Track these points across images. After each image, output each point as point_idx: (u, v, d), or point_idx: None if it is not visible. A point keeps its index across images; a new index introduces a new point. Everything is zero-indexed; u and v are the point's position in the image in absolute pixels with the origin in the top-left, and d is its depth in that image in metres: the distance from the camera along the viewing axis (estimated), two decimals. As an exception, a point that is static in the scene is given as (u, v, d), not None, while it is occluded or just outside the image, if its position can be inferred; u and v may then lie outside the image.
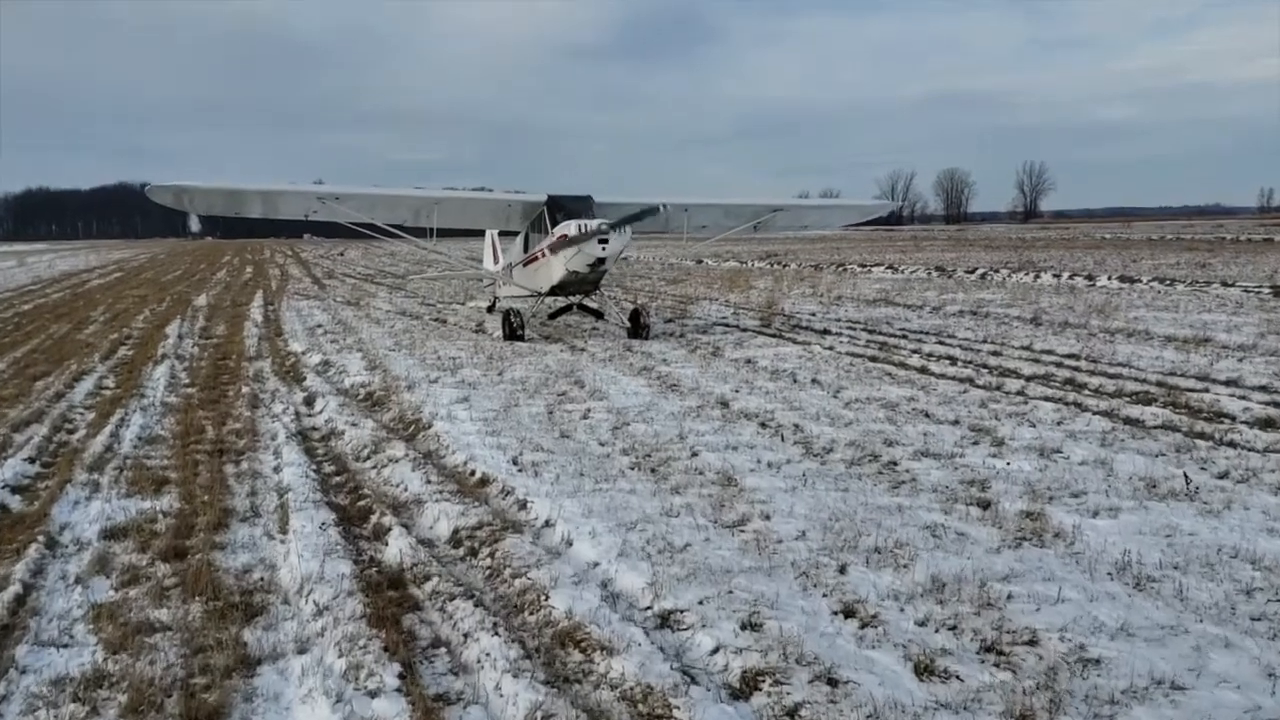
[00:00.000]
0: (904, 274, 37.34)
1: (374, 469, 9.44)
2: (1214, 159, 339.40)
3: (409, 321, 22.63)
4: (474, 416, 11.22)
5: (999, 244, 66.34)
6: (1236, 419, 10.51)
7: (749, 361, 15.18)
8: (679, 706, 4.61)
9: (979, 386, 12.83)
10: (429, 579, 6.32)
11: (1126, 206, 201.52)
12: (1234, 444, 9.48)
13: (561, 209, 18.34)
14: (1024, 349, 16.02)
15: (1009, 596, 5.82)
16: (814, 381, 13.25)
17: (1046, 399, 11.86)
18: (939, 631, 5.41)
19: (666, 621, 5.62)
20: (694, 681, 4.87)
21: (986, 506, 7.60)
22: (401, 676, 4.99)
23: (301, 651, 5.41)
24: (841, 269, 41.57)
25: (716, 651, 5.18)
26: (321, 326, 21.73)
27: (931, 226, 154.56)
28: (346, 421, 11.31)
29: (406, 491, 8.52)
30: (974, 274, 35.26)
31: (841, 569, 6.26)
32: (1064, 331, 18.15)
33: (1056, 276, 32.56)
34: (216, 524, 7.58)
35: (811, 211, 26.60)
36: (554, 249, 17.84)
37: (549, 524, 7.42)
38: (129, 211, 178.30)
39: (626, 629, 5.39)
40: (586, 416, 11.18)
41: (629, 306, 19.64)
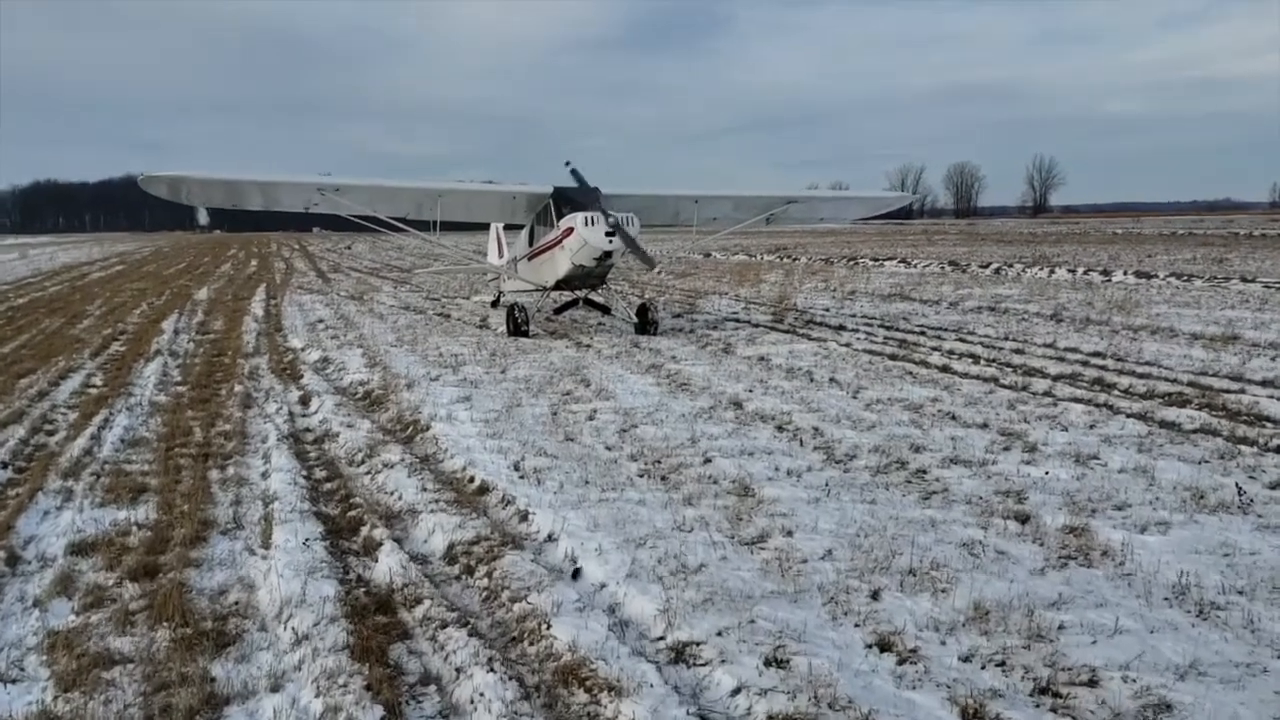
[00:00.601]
0: (917, 268, 36.70)
1: (368, 475, 8.89)
2: (1224, 153, 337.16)
3: (412, 316, 22.08)
4: (475, 417, 10.67)
5: (1011, 239, 65.66)
6: (1281, 423, 9.94)
7: (762, 359, 14.60)
8: (697, 761, 4.06)
9: (1005, 386, 12.24)
10: (420, 602, 5.76)
11: (1135, 201, 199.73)
12: (1282, 450, 8.90)
13: (568, 201, 17.72)
14: (1047, 346, 15.44)
15: (1060, 627, 5.25)
16: (832, 381, 12.67)
17: (1076, 400, 11.29)
18: (986, 669, 4.84)
19: (681, 656, 5.05)
20: (713, 729, 4.32)
21: (1025, 520, 7.02)
22: (385, 720, 4.44)
23: (275, 689, 4.85)
24: (853, 263, 40.95)
25: (738, 693, 4.62)
26: (323, 321, 21.19)
27: (941, 220, 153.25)
28: (342, 422, 10.77)
29: (401, 500, 7.97)
30: (988, 269, 34.67)
31: (874, 594, 5.69)
32: (1086, 328, 17.58)
33: (1072, 272, 32.01)
34: (194, 537, 7.01)
35: (826, 203, 25.60)
36: (560, 242, 17.29)
37: (551, 539, 6.86)
38: (136, 204, 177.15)
39: (637, 665, 4.82)
40: (592, 418, 10.62)
41: (636, 301, 19.00)
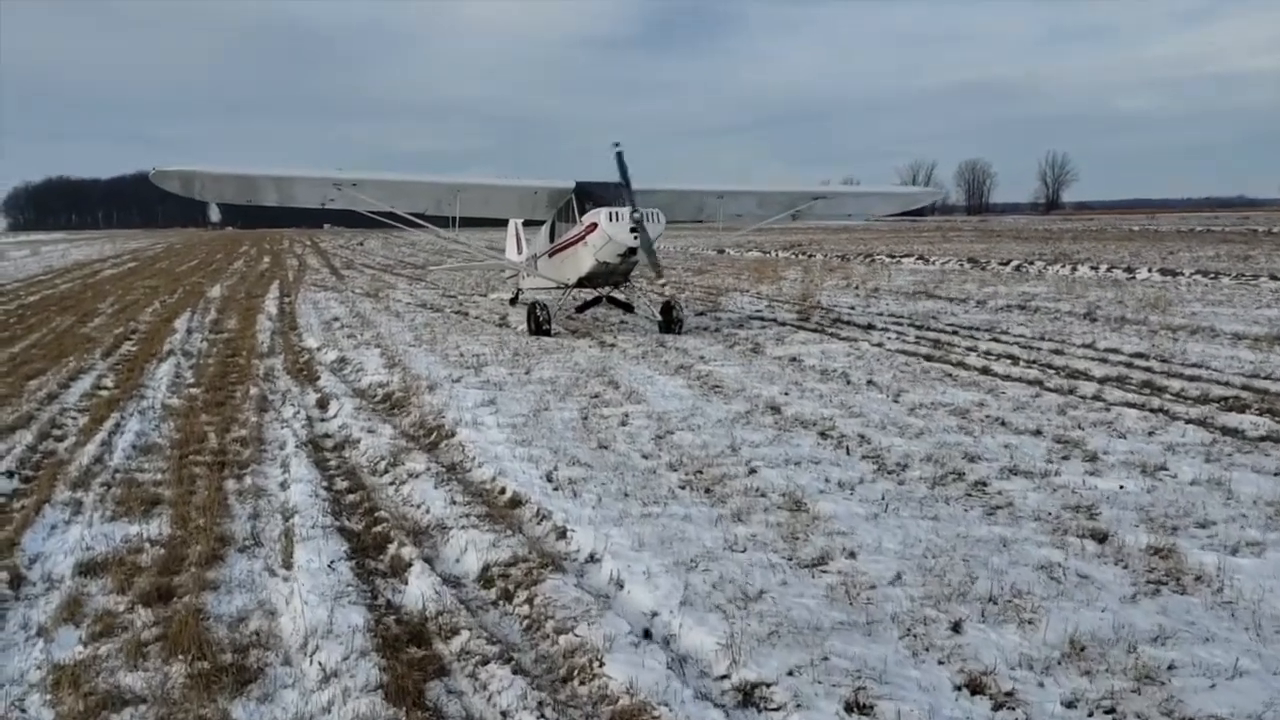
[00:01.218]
0: (936, 265, 36.10)
1: (392, 485, 8.42)
2: (1237, 150, 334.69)
3: (430, 314, 21.61)
4: (501, 422, 10.19)
5: (1027, 235, 64.93)
6: (1354, 431, 9.39)
7: (794, 360, 14.08)
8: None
9: (1050, 390, 11.71)
10: (457, 633, 5.28)
11: (1148, 198, 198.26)
12: (1363, 461, 8.37)
13: (590, 196, 17.23)
14: (1086, 347, 14.89)
15: (1169, 666, 4.74)
16: (870, 383, 12.15)
17: (1128, 405, 10.76)
18: (1094, 716, 4.34)
19: (750, 698, 4.55)
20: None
21: (1103, 540, 6.50)
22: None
23: (302, 736, 4.39)
24: (870, 260, 40.37)
25: (820, 745, 4.14)
26: (338, 320, 20.73)
27: (954, 217, 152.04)
28: (362, 428, 10.31)
29: (429, 514, 7.49)
30: (1008, 266, 34.06)
31: (955, 626, 5.18)
32: (1123, 328, 17.03)
33: (1094, 269, 31.40)
34: (210, 556, 6.54)
35: (852, 199, 25.04)
36: (582, 238, 16.81)
37: (594, 559, 6.37)
38: (149, 201, 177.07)
39: (704, 712, 4.34)
40: (625, 423, 10.13)
41: (659, 299, 18.51)
